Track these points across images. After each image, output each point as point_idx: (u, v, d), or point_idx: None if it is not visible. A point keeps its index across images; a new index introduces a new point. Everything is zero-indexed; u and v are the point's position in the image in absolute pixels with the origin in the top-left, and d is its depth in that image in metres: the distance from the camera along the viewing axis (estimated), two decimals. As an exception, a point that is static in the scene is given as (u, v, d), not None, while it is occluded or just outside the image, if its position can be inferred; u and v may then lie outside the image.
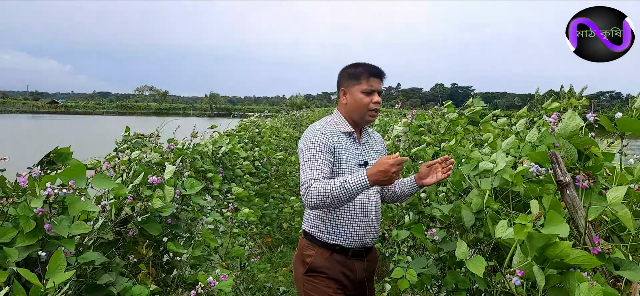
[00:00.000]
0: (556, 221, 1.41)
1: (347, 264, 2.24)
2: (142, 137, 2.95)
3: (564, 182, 1.59)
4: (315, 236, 2.25)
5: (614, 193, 1.45)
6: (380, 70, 2.26)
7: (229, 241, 3.40)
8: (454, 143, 2.86)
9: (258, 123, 8.73)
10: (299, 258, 2.32)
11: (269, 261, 5.31)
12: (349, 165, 2.20)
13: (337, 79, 2.35)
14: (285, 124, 13.46)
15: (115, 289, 1.86)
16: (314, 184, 2.02)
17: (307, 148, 2.15)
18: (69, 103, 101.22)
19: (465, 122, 3.42)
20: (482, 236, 2.17)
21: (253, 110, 54.88)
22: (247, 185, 5.20)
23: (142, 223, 2.15)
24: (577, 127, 1.67)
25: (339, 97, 2.34)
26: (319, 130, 2.19)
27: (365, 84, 2.21)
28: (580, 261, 1.32)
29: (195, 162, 3.98)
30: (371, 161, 2.29)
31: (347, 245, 2.22)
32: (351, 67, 2.29)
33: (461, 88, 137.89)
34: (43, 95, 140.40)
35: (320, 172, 2.08)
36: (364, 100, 2.22)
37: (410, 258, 3.21)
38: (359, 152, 2.29)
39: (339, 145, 2.20)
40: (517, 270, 1.41)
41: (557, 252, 1.34)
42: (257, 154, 6.38)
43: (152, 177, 2.27)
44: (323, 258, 2.22)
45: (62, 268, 1.46)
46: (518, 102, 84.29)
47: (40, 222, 1.62)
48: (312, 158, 2.10)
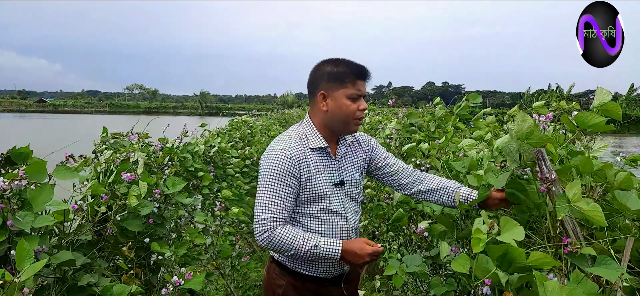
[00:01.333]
0: (511, 226, 1.44)
1: (323, 293, 1.96)
2: (120, 136, 2.91)
3: (550, 179, 1.59)
4: (284, 265, 1.94)
5: (572, 191, 1.45)
6: (366, 70, 1.87)
7: (217, 239, 3.37)
8: (443, 141, 2.87)
9: (250, 123, 8.71)
10: (268, 286, 2.01)
11: (260, 260, 5.29)
12: (321, 189, 1.85)
13: (312, 78, 1.91)
14: (275, 122, 13.44)
15: (98, 289, 1.83)
16: (280, 230, 1.75)
17: (268, 173, 1.78)
18: (57, 102, 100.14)
19: (455, 119, 3.43)
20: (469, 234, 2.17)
21: (244, 109, 54.70)
22: (238, 184, 5.18)
23: (122, 221, 2.11)
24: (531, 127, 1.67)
25: (313, 100, 1.91)
26: (284, 151, 1.80)
27: (351, 88, 1.82)
28: (539, 263, 1.34)
29: (186, 161, 3.95)
30: (348, 178, 1.95)
31: (322, 276, 1.93)
32: (331, 65, 1.86)
33: (452, 86, 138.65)
34: (31, 93, 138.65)
35: (282, 208, 1.77)
36: (350, 108, 1.83)
37: (400, 255, 3.21)
38: (334, 168, 1.91)
39: (307, 169, 1.83)
40: (485, 279, 1.42)
41: (516, 256, 1.37)
42: (247, 153, 6.36)
43: (125, 174, 2.22)
44: (295, 290, 1.92)
45: (29, 258, 1.41)
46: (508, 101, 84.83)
47: (5, 219, 1.59)
48: (272, 188, 1.77)
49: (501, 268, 1.41)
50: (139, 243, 2.37)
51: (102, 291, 1.82)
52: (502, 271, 1.41)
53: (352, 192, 1.98)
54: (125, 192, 2.15)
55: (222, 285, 3.88)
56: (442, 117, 3.51)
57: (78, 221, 1.96)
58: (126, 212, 2.14)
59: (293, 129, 1.95)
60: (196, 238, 2.61)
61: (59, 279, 1.78)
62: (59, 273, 1.77)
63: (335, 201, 1.90)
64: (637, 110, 24.81)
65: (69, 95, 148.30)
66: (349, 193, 1.96)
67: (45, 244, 1.69)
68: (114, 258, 2.27)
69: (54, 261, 1.67)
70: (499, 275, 1.39)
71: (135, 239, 2.34)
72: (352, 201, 1.99)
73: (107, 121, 3.67)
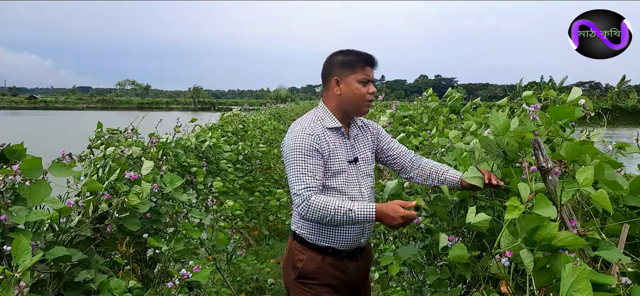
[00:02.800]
0: (544, 204, 1.45)
1: (340, 266, 2.11)
2: (116, 132, 2.90)
3: (546, 167, 1.62)
4: (305, 239, 2.10)
5: (583, 175, 1.48)
6: (374, 58, 2.09)
7: (212, 234, 3.38)
8: (435, 132, 2.89)
9: (242, 117, 8.70)
10: (288, 261, 2.17)
11: (256, 254, 5.31)
12: (338, 165, 2.04)
13: (326, 67, 2.14)
14: (268, 117, 13.42)
15: (95, 285, 1.84)
16: (315, 199, 1.90)
17: (294, 151, 1.97)
18: (48, 98, 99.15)
19: (447, 111, 3.46)
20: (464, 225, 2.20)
21: (237, 104, 54.52)
22: (231, 179, 5.19)
23: (121, 219, 2.11)
24: (506, 122, 1.74)
25: (327, 86, 2.13)
26: (306, 129, 2.00)
27: (361, 73, 2.04)
28: (567, 242, 1.34)
29: (179, 157, 3.95)
30: (361, 156, 2.15)
31: (341, 248, 2.09)
32: (343, 54, 2.09)
33: (445, 79, 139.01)
34: (21, 90, 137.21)
35: (314, 177, 1.94)
36: (361, 91, 2.05)
37: (395, 246, 3.24)
38: (348, 148, 2.12)
39: (327, 145, 2.02)
40: (506, 250, 1.43)
41: (545, 234, 1.37)
42: (240, 148, 6.36)
43: (129, 173, 2.22)
44: (314, 263, 2.08)
45: (27, 252, 1.42)
46: (500, 93, 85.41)
47: None
48: (302, 162, 1.95)
49: (526, 243, 1.41)
50: (135, 238, 2.37)
51: (99, 286, 1.82)
52: (525, 245, 1.40)
53: (366, 169, 2.17)
54: (127, 190, 2.15)
55: (218, 279, 3.89)
56: (436, 108, 3.53)
57: (76, 218, 1.96)
58: (125, 210, 2.14)
59: (308, 114, 2.15)
60: (192, 233, 2.61)
61: (56, 275, 1.78)
62: (55, 268, 1.78)
63: (351, 177, 2.09)
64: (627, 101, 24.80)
65: (60, 91, 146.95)
66: (363, 170, 2.15)
67: (40, 239, 1.69)
68: (111, 254, 2.28)
69: (48, 257, 1.68)
70: (522, 254, 1.38)
71: (132, 234, 2.34)
72: (368, 177, 2.18)
73: (100, 117, 3.65)
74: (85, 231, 1.96)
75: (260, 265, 4.80)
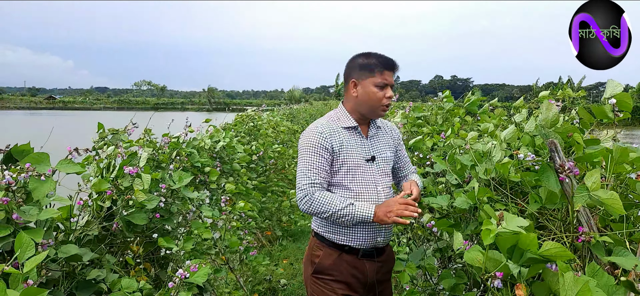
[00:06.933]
0: (511, 218, 1.42)
1: (357, 265, 2.13)
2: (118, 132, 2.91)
3: (564, 168, 1.58)
4: (323, 236, 2.15)
5: (591, 179, 1.43)
6: (394, 62, 2.11)
7: (224, 233, 3.38)
8: (450, 133, 2.85)
9: (254, 117, 8.71)
10: (308, 258, 2.23)
11: (269, 254, 5.31)
12: (354, 162, 2.09)
13: (346, 69, 2.20)
14: (283, 118, 13.42)
15: (106, 284, 1.84)
16: (318, 194, 1.97)
17: (303, 147, 2.08)
18: (67, 99, 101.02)
19: (463, 113, 3.41)
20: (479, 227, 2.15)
21: (251, 104, 54.83)
22: (244, 180, 5.19)
23: (127, 215, 2.11)
24: (556, 116, 1.66)
25: (346, 88, 2.20)
26: (316, 128, 2.10)
27: (378, 77, 2.07)
28: (552, 253, 1.30)
29: (192, 157, 3.96)
30: (379, 156, 2.19)
31: (357, 246, 2.11)
32: (363, 57, 2.13)
33: (460, 80, 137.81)
34: (40, 90, 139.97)
35: (318, 174, 2.02)
36: (377, 95, 2.08)
37: (409, 249, 3.20)
38: (366, 146, 2.17)
39: (339, 142, 2.08)
40: (496, 272, 1.39)
41: (525, 246, 1.34)
42: (254, 148, 6.36)
43: (128, 168, 2.23)
44: (331, 259, 2.12)
45: (30, 249, 1.42)
46: (517, 94, 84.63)
47: (10, 212, 1.61)
48: (308, 158, 2.04)
49: (513, 260, 1.38)
50: (147, 238, 2.38)
51: (111, 285, 1.83)
52: (513, 262, 1.38)
53: (385, 168, 2.21)
54: (129, 185, 2.15)
55: (231, 279, 3.89)
56: (451, 110, 3.48)
57: (86, 217, 1.97)
58: (131, 206, 2.14)
59: (328, 114, 2.23)
60: (204, 233, 2.61)
61: (68, 274, 1.79)
62: (67, 268, 1.79)
63: (367, 174, 2.12)
64: (646, 102, 24.08)
65: (77, 92, 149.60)
66: (382, 169, 2.19)
67: (50, 238, 1.70)
68: (122, 253, 2.29)
69: (61, 255, 1.69)
70: (509, 266, 1.36)
71: (143, 234, 2.35)
72: (386, 176, 2.21)
73: (116, 117, 3.67)
74: (93, 230, 1.96)
75: (274, 266, 4.80)
